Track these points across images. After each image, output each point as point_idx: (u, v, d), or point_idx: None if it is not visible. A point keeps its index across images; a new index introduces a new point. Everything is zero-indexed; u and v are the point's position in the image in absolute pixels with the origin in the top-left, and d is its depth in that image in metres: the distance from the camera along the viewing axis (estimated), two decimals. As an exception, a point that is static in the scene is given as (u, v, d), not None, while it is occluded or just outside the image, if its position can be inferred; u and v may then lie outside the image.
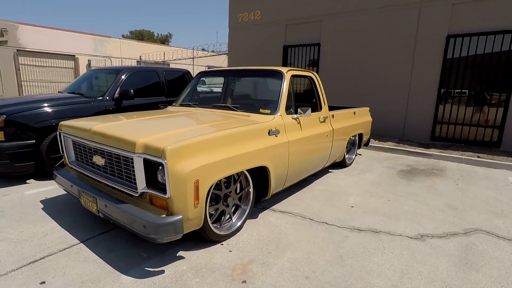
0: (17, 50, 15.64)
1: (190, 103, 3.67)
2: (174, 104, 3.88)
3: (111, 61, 18.82)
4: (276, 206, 3.28)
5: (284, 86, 3.20)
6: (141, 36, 55.35)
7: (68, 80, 18.02)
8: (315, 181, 4.13)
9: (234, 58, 10.59)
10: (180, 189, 1.99)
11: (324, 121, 3.78)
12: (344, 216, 3.06)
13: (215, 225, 2.52)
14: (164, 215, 2.01)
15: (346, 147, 4.94)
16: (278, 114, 3.03)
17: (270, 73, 3.43)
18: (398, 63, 7.13)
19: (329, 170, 4.67)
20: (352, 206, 3.31)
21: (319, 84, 3.83)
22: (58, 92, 5.26)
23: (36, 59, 16.43)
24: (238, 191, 2.71)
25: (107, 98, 4.55)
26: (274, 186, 2.96)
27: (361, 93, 7.78)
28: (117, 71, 4.95)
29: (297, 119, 3.23)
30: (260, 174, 2.83)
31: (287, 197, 3.53)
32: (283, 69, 3.32)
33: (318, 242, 2.55)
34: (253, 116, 2.99)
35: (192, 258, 2.29)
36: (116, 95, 4.61)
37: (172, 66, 16.61)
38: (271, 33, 9.35)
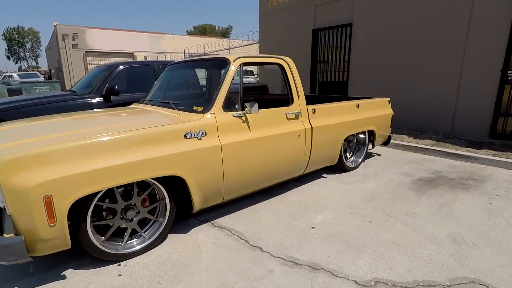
0: (86, 51, 17.57)
1: (146, 100, 3.37)
2: (141, 101, 3.62)
3: (164, 56, 19.85)
4: (221, 219, 2.78)
5: (227, 78, 2.64)
6: (203, 30, 57.72)
7: (128, 76, 19.62)
8: (293, 189, 3.47)
9: (264, 46, 10.01)
10: (22, 206, 1.68)
11: (296, 118, 3.09)
12: (293, 240, 2.41)
13: (111, 242, 2.18)
14: (12, 235, 1.74)
15: (350, 147, 4.09)
16: (211, 111, 2.51)
17: (215, 62, 2.91)
18: (447, 43, 5.69)
19: (323, 175, 3.92)
20: (312, 227, 2.62)
21: (291, 73, 3.13)
22: (68, 90, 5.53)
23: (100, 58, 18.26)
24: (149, 203, 2.32)
25: (94, 95, 4.56)
26: (203, 199, 2.48)
27: (399, 80, 6.51)
28: (109, 67, 4.94)
29: (242, 117, 2.65)
30: (182, 185, 2.38)
31: (243, 208, 2.99)
32: (231, 57, 2.75)
33: (228, 276, 2.01)
34: (183, 115, 2.53)
35: (73, 279, 2.00)
36: (104, 91, 4.59)
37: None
38: (300, 16, 8.50)
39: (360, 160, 4.22)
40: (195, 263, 2.15)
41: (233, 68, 2.69)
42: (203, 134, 2.39)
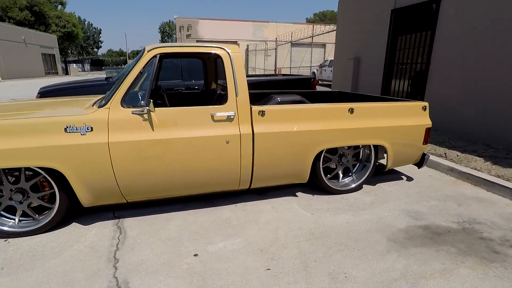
0: (196, 40, 19.73)
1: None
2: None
3: (265, 43, 20.27)
4: (132, 219, 2.62)
5: (133, 70, 2.39)
6: (323, 16, 55.93)
7: (231, 63, 21.06)
8: (239, 203, 2.93)
9: (342, 31, 8.81)
10: None
11: (227, 120, 2.55)
12: (157, 264, 2.04)
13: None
14: None
15: (342, 163, 3.18)
16: (106, 106, 2.33)
17: (140, 53, 2.64)
18: None
19: (297, 193, 3.17)
20: (195, 255, 2.13)
21: (230, 65, 2.58)
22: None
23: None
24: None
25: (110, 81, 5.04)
26: (93, 195, 2.38)
27: (500, 73, 4.59)
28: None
29: (144, 115, 2.36)
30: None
31: (167, 212, 2.73)
32: (148, 47, 2.47)
33: (52, 282, 1.86)
34: (91, 109, 2.44)
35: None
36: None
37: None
38: (378, -6, 7.02)
39: (359, 182, 3.20)
40: (52, 257, 2.09)
41: (143, 59, 2.41)
42: (88, 129, 2.25)
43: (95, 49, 52.28)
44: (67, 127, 2.22)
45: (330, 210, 2.80)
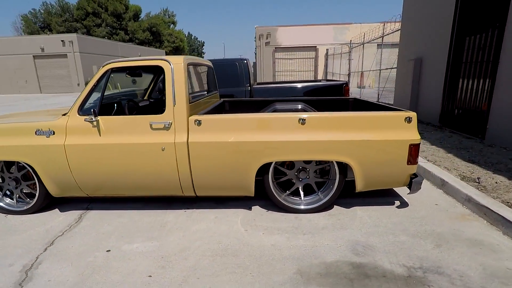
0: (275, 48, 20.25)
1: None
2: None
3: (348, 46, 19.35)
4: (94, 212, 3.03)
5: (90, 82, 2.77)
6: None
7: (310, 69, 20.86)
8: (189, 210, 3.00)
9: (406, 29, 7.72)
10: None
11: (165, 129, 2.67)
12: None
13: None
14: None
15: (300, 179, 2.92)
16: (68, 114, 2.78)
17: None
18: None
19: (253, 206, 3.02)
20: (108, 250, 2.33)
21: (171, 77, 2.69)
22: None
23: (286, 53, 20.43)
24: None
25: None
26: (58, 188, 2.88)
27: None
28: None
29: (94, 122, 2.71)
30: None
31: (133, 209, 3.05)
32: (105, 64, 2.82)
33: (-4, 254, 2.37)
34: (58, 116, 2.90)
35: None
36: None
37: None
38: (442, -18, 5.90)
39: (321, 203, 2.83)
40: (17, 233, 2.64)
41: (98, 73, 2.77)
42: (51, 133, 2.74)
43: (199, 60, 59.39)
44: (37, 130, 2.75)
45: (268, 229, 2.59)
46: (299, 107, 4.08)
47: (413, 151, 2.60)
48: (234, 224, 2.69)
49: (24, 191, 3.08)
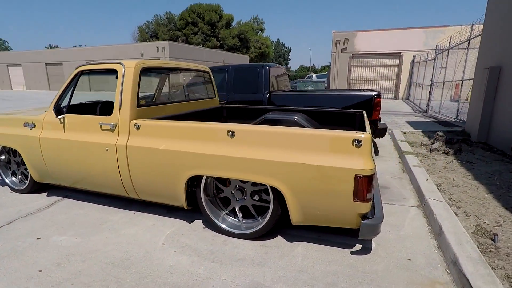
0: (352, 54, 19.01)
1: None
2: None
3: (426, 53, 16.96)
4: (69, 202, 3.33)
5: (65, 83, 3.06)
6: None
7: (391, 77, 18.89)
8: (137, 212, 2.99)
9: (488, 30, 6.18)
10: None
11: (110, 130, 2.74)
12: None
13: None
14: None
15: (240, 200, 2.64)
16: (46, 111, 3.12)
17: None
18: None
19: (194, 220, 2.83)
20: (38, 238, 2.51)
21: (122, 79, 2.74)
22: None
23: (364, 60, 18.95)
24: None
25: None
26: (38, 175, 3.27)
27: None
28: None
29: (61, 119, 2.98)
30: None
31: (105, 205, 3.26)
32: (78, 66, 3.06)
33: (-29, 223, 2.82)
34: (42, 112, 3.29)
35: None
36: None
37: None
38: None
39: (252, 230, 2.45)
40: (-3, 210, 3.12)
41: (71, 75, 3.03)
42: (33, 126, 3.13)
43: (284, 65, 60.46)
44: (25, 123, 3.18)
45: (185, 248, 2.38)
46: (295, 119, 3.68)
47: (361, 185, 2.01)
48: (159, 235, 2.57)
49: (25, 174, 3.61)
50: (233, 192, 2.58)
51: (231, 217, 2.65)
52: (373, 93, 4.83)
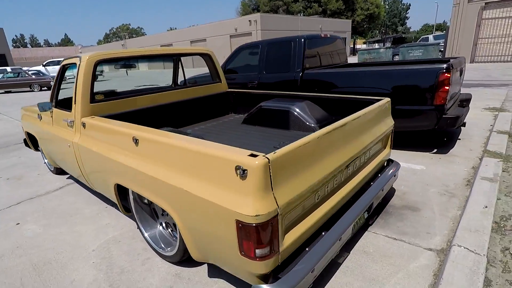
0: (484, 3, 14.48)
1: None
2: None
3: None
4: (74, 187, 3.64)
5: (56, 76, 3.19)
6: None
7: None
8: (109, 207, 2.97)
9: None
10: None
11: (70, 126, 2.71)
12: None
13: None
14: None
15: (160, 217, 2.30)
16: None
17: None
18: None
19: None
20: (17, 223, 2.79)
21: (77, 73, 2.62)
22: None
23: (505, 9, 14.18)
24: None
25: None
26: (49, 157, 3.65)
27: None
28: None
29: (51, 111, 3.15)
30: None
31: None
32: (63, 60, 3.12)
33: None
34: None
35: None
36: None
37: None
38: None
39: (169, 253, 2.04)
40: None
41: (60, 68, 3.12)
42: (40, 117, 3.45)
43: (400, 26, 51.26)
44: (38, 115, 3.54)
45: (99, 258, 2.20)
46: (291, 109, 2.93)
47: (245, 235, 1.32)
48: (99, 238, 2.47)
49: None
50: (154, 208, 2.22)
51: (161, 229, 2.30)
52: (438, 66, 3.38)
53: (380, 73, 3.77)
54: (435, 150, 3.86)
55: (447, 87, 3.34)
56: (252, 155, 1.32)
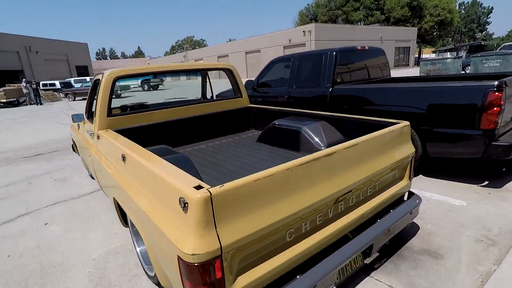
0: None
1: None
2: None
3: None
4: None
5: (89, 92, 3.50)
6: None
7: None
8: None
9: None
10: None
11: (91, 138, 2.93)
12: None
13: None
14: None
15: None
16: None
17: None
18: None
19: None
20: (27, 213, 3.09)
21: (98, 88, 2.83)
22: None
23: None
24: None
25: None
26: (82, 160, 4.01)
27: None
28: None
29: (83, 123, 3.45)
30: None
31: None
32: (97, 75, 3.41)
33: None
34: None
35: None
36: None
37: None
38: None
39: (152, 274, 2.01)
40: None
41: (91, 85, 3.42)
42: (78, 126, 3.82)
43: (478, 33, 45.32)
44: (77, 124, 3.92)
45: (95, 269, 2.28)
46: (301, 129, 2.76)
47: (185, 273, 1.23)
48: (103, 247, 2.59)
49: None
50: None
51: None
52: (488, 83, 2.86)
53: (413, 90, 3.33)
54: (486, 183, 3.25)
55: (498, 109, 2.80)
56: (198, 186, 1.23)
